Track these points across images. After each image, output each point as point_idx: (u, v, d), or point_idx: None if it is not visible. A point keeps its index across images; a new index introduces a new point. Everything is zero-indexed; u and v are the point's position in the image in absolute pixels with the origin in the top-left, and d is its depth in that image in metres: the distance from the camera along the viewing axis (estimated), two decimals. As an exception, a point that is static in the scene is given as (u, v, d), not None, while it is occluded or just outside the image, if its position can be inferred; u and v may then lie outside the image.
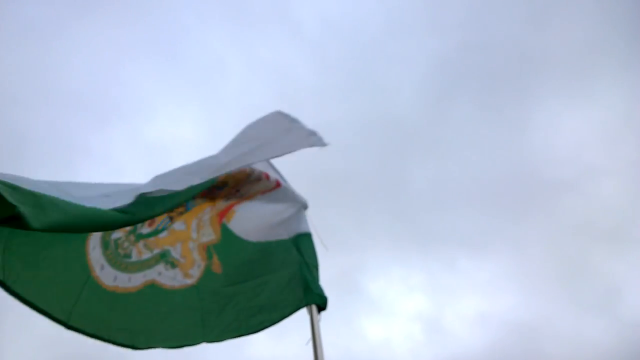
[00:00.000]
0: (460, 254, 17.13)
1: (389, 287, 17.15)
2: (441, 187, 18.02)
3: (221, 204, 3.45)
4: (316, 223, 3.65)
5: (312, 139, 3.44)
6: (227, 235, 3.46)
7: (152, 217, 2.88)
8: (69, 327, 2.61)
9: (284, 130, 3.49)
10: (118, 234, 3.00)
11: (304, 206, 3.87)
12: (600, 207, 16.11)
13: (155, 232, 3.18)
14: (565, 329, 14.75)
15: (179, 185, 2.68)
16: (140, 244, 3.10)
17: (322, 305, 3.19)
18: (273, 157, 3.52)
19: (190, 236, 3.28)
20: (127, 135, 18.98)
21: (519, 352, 14.07)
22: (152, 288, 3.07)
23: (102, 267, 2.88)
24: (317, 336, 3.07)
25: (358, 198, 16.67)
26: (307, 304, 3.19)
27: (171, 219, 3.22)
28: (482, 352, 14.28)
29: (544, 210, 16.53)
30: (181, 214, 3.24)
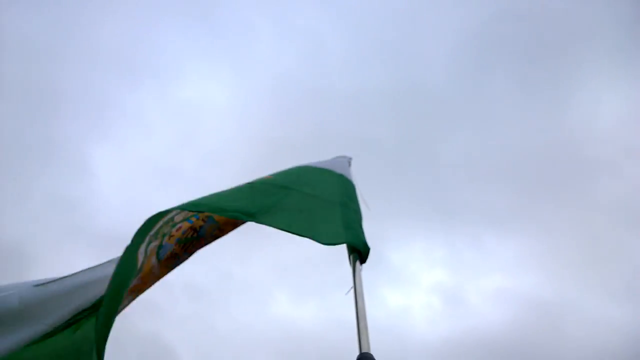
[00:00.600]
0: (485, 229, 16.98)
1: (410, 257, 17.16)
2: (470, 160, 17.78)
3: None
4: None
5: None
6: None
7: None
8: None
9: None
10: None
11: (348, 161, 3.86)
12: (637, 189, 15.71)
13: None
14: (591, 312, 14.55)
15: None
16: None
17: (364, 255, 3.15)
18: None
19: None
20: (158, 95, 19.16)
21: (540, 331, 13.99)
22: None
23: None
24: (358, 286, 3.04)
25: (385, 167, 16.59)
26: (351, 244, 3.14)
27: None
28: (501, 328, 14.26)
29: (577, 189, 16.18)
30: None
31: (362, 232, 3.21)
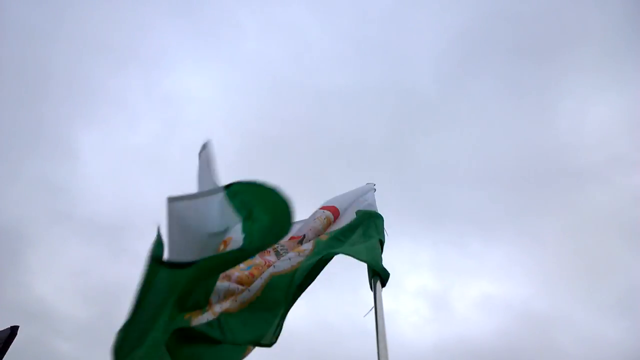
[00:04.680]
0: (470, 234, 17.47)
1: (395, 259, 17.47)
2: (453, 163, 18.21)
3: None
4: (322, 188, 4.20)
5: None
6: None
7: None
8: None
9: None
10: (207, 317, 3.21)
11: (373, 187, 4.45)
12: (628, 200, 16.04)
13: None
14: (582, 326, 14.75)
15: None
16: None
17: (384, 279, 3.58)
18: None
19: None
20: (143, 84, 19.47)
21: (531, 344, 14.31)
22: (272, 279, 3.53)
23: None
24: (379, 308, 3.44)
25: (366, 167, 16.99)
26: (375, 269, 3.57)
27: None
28: (489, 337, 14.68)
29: (564, 198, 16.72)
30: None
31: (381, 259, 3.69)
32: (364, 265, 3.63)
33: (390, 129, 19.02)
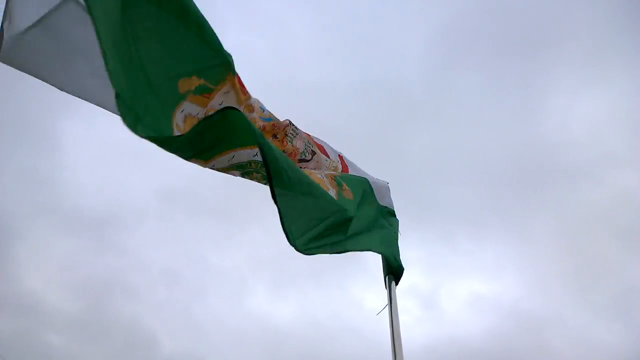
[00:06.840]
0: (460, 232, 17.49)
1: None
2: (440, 158, 18.22)
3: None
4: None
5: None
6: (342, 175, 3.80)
7: None
8: None
9: None
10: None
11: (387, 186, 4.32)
12: (619, 198, 16.04)
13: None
14: (576, 327, 14.73)
15: None
16: None
17: (399, 275, 3.53)
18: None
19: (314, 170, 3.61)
20: None
21: (522, 345, 14.35)
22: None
23: None
24: (394, 306, 3.42)
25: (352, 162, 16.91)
26: (393, 265, 3.50)
27: None
28: (480, 337, 14.71)
29: (555, 196, 16.79)
30: None
31: (399, 254, 3.60)
32: (352, 264, 3.49)
33: (376, 125, 19.04)
